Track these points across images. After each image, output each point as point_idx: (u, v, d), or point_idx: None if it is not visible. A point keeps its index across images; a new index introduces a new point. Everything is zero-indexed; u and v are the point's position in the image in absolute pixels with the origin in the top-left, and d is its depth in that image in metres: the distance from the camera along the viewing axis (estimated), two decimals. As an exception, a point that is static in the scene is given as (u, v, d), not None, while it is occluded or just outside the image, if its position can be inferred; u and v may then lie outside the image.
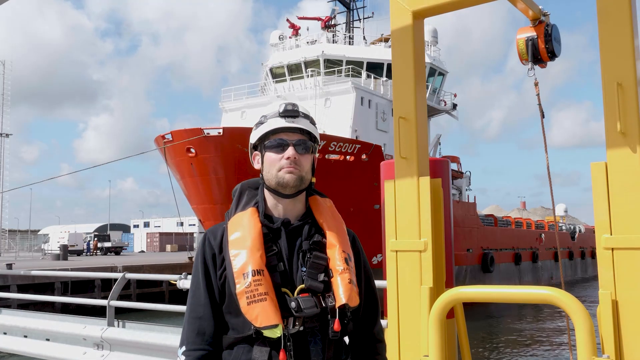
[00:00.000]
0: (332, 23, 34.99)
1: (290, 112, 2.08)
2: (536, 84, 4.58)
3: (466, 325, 3.66)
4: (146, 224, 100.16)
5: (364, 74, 30.74)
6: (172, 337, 5.89)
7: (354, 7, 36.95)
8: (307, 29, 34.75)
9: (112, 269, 28.19)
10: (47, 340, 7.20)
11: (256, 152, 2.15)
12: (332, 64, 30.64)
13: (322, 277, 2.01)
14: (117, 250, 60.60)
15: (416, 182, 3.68)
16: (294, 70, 31.68)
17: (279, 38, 34.49)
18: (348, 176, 24.05)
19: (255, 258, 1.96)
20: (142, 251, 76.73)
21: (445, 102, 36.18)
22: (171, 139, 23.62)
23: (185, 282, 6.52)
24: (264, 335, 1.92)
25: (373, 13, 50.61)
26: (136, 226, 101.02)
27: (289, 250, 2.05)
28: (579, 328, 2.68)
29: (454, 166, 35.23)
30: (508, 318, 24.73)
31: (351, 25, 36.66)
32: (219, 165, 22.87)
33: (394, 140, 3.82)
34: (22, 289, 23.05)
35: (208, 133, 22.82)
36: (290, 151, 2.04)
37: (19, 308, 13.81)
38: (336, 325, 1.97)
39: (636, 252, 2.87)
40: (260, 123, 2.12)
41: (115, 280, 7.12)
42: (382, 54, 31.14)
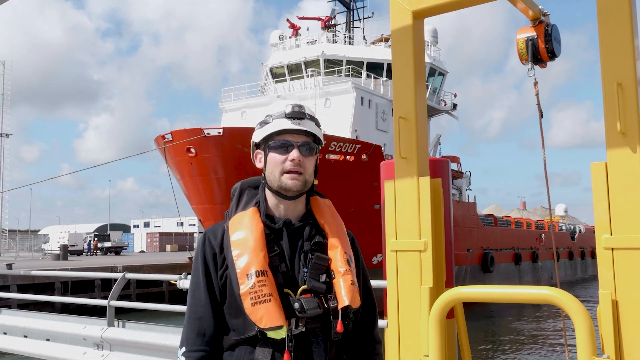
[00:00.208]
0: (332, 23, 34.99)
1: (297, 114, 2.06)
2: (535, 84, 4.58)
3: (466, 325, 3.66)
4: (146, 224, 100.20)
5: (364, 74, 30.74)
6: (172, 337, 5.89)
7: (354, 7, 36.97)
8: (307, 29, 34.78)
9: (112, 269, 28.20)
10: (47, 340, 7.20)
11: (259, 150, 2.13)
12: (332, 64, 30.65)
13: (323, 278, 2.01)
14: (117, 250, 60.62)
15: (416, 182, 3.68)
16: (294, 70, 31.68)
17: (279, 38, 34.49)
18: (348, 176, 24.05)
19: (259, 259, 1.95)
20: (142, 251, 76.73)
21: (445, 102, 36.19)
22: (171, 139, 23.63)
23: (185, 282, 6.52)
24: (268, 336, 1.91)
25: (373, 13, 50.63)
26: (136, 226, 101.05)
27: (291, 251, 2.04)
28: (579, 328, 2.68)
29: (454, 166, 35.22)
30: (508, 318, 24.73)
31: (351, 25, 36.66)
32: (219, 165, 22.87)
33: (394, 140, 3.82)
34: (22, 289, 23.06)
35: (208, 133, 22.83)
36: (294, 153, 2.03)
37: (19, 308, 13.81)
38: (339, 327, 1.96)
39: (636, 252, 2.87)
40: (266, 122, 2.09)
41: (115, 280, 7.12)
42: (382, 54, 31.14)
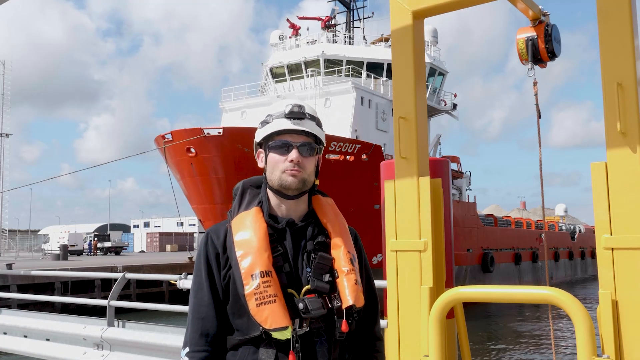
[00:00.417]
0: (332, 23, 34.99)
1: (296, 114, 2.04)
2: (535, 84, 4.58)
3: (466, 325, 3.66)
4: (146, 224, 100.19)
5: (364, 74, 30.73)
6: (172, 337, 5.88)
7: (354, 7, 36.95)
8: (307, 29, 34.77)
9: (112, 269, 28.20)
10: (47, 340, 7.20)
11: (260, 150, 2.12)
12: (332, 64, 30.64)
13: (327, 277, 2.00)
14: (117, 250, 60.64)
15: (416, 182, 3.68)
16: (294, 70, 31.68)
17: (279, 38, 34.49)
18: (348, 176, 24.04)
19: (263, 259, 1.94)
20: (142, 251, 76.74)
21: (445, 102, 36.19)
22: (171, 138, 23.63)
23: (185, 282, 6.52)
24: (273, 337, 1.90)
25: (373, 13, 50.65)
26: (136, 226, 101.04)
27: (294, 251, 2.03)
28: (579, 328, 2.68)
29: (454, 166, 35.22)
30: (508, 318, 24.73)
31: (351, 25, 36.65)
32: (219, 165, 22.87)
33: (394, 140, 3.81)
34: (22, 289, 23.06)
35: (208, 133, 22.82)
36: (294, 154, 2.02)
37: (19, 308, 13.82)
38: (344, 326, 1.96)
39: (636, 252, 2.87)
40: (266, 122, 2.08)
41: (115, 280, 7.11)
42: (382, 54, 31.13)
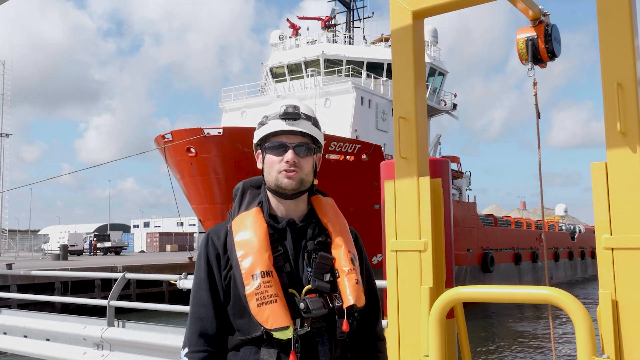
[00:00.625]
0: (332, 23, 34.98)
1: (291, 115, 2.03)
2: (535, 84, 4.58)
3: (466, 325, 3.66)
4: (146, 224, 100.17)
5: (364, 73, 30.73)
6: (172, 337, 5.88)
7: (354, 7, 36.95)
8: (307, 29, 34.78)
9: (112, 269, 28.19)
10: (47, 340, 7.20)
11: (259, 151, 2.12)
12: (332, 64, 30.64)
13: (328, 277, 2.00)
14: (117, 250, 60.63)
15: (416, 182, 3.68)
16: (294, 70, 31.68)
17: (279, 38, 34.49)
18: (348, 176, 24.04)
19: (264, 259, 1.94)
20: (142, 251, 76.71)
21: (445, 102, 36.19)
22: (171, 138, 23.63)
23: (185, 282, 6.51)
24: (274, 337, 1.90)
25: (373, 13, 50.65)
26: (136, 226, 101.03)
27: (295, 251, 2.03)
28: (579, 328, 2.68)
29: (454, 166, 35.23)
30: (508, 318, 24.72)
31: (351, 25, 36.65)
32: (219, 165, 22.86)
33: (394, 140, 3.82)
34: (22, 289, 23.06)
35: (208, 133, 22.82)
36: (289, 155, 2.01)
37: (19, 308, 13.81)
38: (345, 326, 1.96)
39: (636, 252, 2.87)
40: (262, 124, 2.08)
41: (115, 280, 7.11)
42: (382, 54, 31.13)
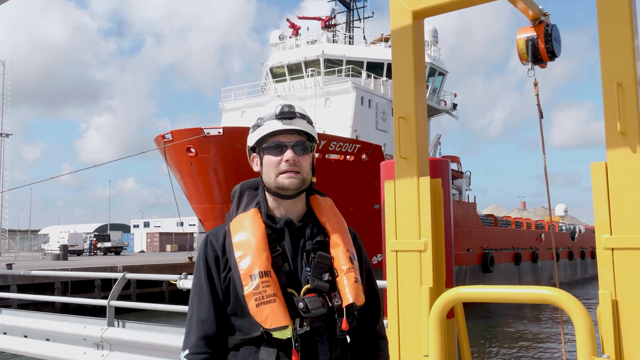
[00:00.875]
0: (332, 23, 34.99)
1: (287, 114, 2.05)
2: (535, 84, 4.58)
3: (466, 325, 3.66)
4: (146, 224, 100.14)
5: (364, 73, 30.73)
6: (172, 337, 5.89)
7: (354, 7, 36.95)
8: (307, 29, 34.78)
9: (112, 269, 28.19)
10: (47, 340, 7.20)
11: (254, 154, 2.13)
12: (332, 64, 30.64)
13: (326, 276, 2.01)
14: (117, 250, 60.63)
15: (416, 182, 3.68)
16: (294, 70, 31.68)
17: (279, 38, 34.49)
18: (348, 176, 24.04)
19: (262, 259, 1.95)
20: (142, 251, 76.72)
21: (445, 102, 36.20)
22: (171, 138, 23.63)
23: (185, 282, 6.52)
24: (274, 336, 1.91)
25: (373, 13, 50.60)
26: (136, 226, 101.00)
27: (293, 251, 2.04)
28: (579, 328, 2.68)
29: (454, 166, 35.23)
30: (508, 318, 24.72)
31: (351, 25, 36.65)
32: (219, 165, 22.87)
33: (394, 140, 3.82)
34: (22, 289, 23.06)
35: (208, 133, 22.83)
36: (289, 154, 2.02)
37: (19, 308, 13.82)
38: (344, 325, 1.97)
39: (636, 252, 2.87)
40: (257, 126, 2.09)
41: (115, 280, 7.12)
42: (382, 53, 31.13)
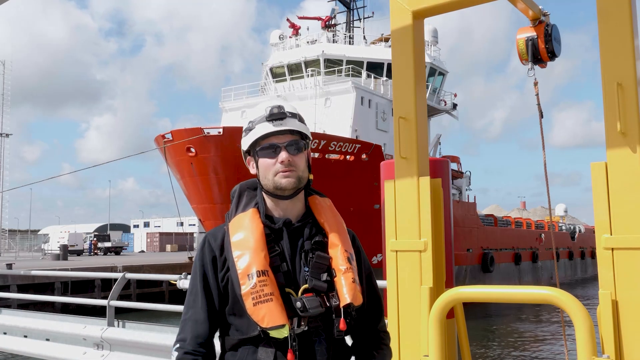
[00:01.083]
0: (332, 23, 34.98)
1: (277, 115, 2.05)
2: (535, 84, 4.58)
3: (466, 325, 3.66)
4: (146, 224, 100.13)
5: (364, 73, 30.73)
6: (172, 337, 5.89)
7: (354, 7, 36.95)
8: (307, 29, 34.77)
9: (112, 269, 28.19)
10: (47, 340, 7.20)
11: (250, 157, 2.13)
12: (332, 64, 30.64)
13: (325, 276, 2.01)
14: (117, 250, 60.63)
15: (416, 182, 3.68)
16: (294, 70, 31.68)
17: (279, 38, 34.49)
18: (348, 176, 24.04)
19: (260, 259, 1.96)
20: (142, 251, 76.72)
21: (445, 102, 36.20)
22: (171, 138, 23.63)
23: (185, 282, 6.51)
24: (271, 335, 1.92)
25: (373, 13, 50.47)
26: (136, 226, 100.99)
27: (291, 251, 2.04)
28: (579, 328, 2.68)
29: (454, 166, 35.22)
30: (508, 318, 24.72)
31: (351, 25, 36.64)
32: (219, 165, 22.87)
33: (394, 140, 3.82)
34: (22, 289, 23.06)
35: (208, 132, 22.83)
36: (283, 154, 2.03)
37: (19, 308, 13.83)
38: (342, 325, 1.97)
39: (636, 252, 2.87)
40: (249, 129, 2.09)
41: (115, 280, 7.12)
42: (382, 53, 31.13)
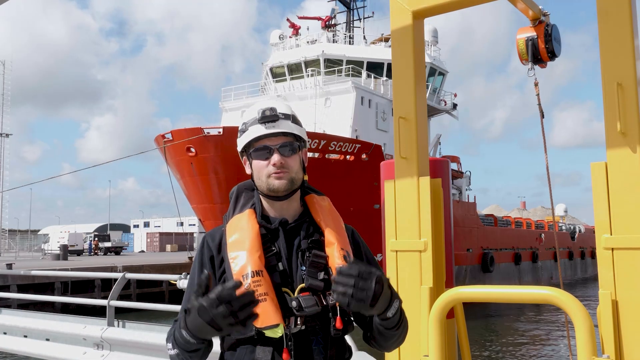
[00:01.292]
0: (332, 23, 34.98)
1: (269, 118, 2.04)
2: (536, 84, 4.59)
3: (466, 325, 3.66)
4: (146, 224, 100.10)
5: (364, 73, 30.73)
6: (172, 337, 5.88)
7: (354, 7, 36.94)
8: (308, 29, 34.77)
9: (112, 269, 28.18)
10: (47, 340, 7.20)
11: (245, 158, 2.14)
12: (332, 64, 30.63)
13: (322, 275, 2.01)
14: (117, 250, 60.61)
15: (416, 182, 3.68)
16: (294, 69, 31.67)
17: (279, 38, 34.49)
18: (348, 176, 24.04)
19: (254, 259, 1.96)
20: (142, 251, 76.71)
21: (445, 102, 36.19)
22: (171, 138, 23.63)
23: (185, 282, 6.51)
24: (266, 335, 1.92)
25: (373, 13, 50.37)
26: (136, 226, 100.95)
27: (288, 250, 2.05)
28: (579, 328, 2.68)
29: (454, 166, 35.22)
30: (508, 318, 24.73)
31: (351, 25, 36.64)
32: (219, 164, 22.87)
33: (394, 140, 3.82)
34: (22, 289, 23.06)
35: (208, 132, 22.83)
36: (275, 157, 2.03)
37: (19, 308, 13.83)
38: (338, 323, 1.97)
39: (636, 252, 2.87)
40: (242, 131, 2.09)
41: (115, 280, 7.12)
42: (382, 53, 31.13)
